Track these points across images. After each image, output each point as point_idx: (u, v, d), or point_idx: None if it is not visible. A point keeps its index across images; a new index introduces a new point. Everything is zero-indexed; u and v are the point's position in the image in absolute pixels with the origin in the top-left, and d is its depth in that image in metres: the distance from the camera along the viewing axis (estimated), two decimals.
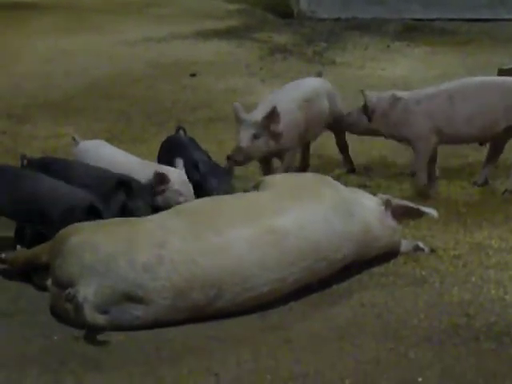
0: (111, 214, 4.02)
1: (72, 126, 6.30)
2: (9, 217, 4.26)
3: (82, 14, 10.33)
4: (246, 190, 4.34)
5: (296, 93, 5.14)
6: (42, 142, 5.91)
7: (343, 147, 5.48)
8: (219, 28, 9.73)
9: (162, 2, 11.32)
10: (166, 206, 4.24)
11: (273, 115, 4.79)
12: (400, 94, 5.24)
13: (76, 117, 6.60)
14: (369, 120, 5.19)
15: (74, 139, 4.85)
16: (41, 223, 4.10)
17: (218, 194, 4.37)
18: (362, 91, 5.23)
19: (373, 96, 5.20)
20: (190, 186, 4.44)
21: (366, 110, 5.18)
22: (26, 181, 4.14)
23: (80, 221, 3.88)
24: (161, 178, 4.36)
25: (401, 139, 5.26)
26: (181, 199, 4.35)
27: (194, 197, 4.40)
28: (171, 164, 4.56)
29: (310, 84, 5.32)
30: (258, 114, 4.84)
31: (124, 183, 4.20)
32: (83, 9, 10.66)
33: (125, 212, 4.15)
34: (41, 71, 7.83)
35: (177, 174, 4.44)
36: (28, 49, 8.66)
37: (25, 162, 4.37)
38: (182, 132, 4.98)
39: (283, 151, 4.97)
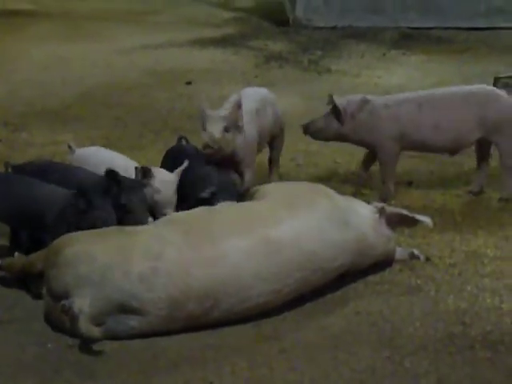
0: (106, 205, 4.01)
1: (69, 133, 6.29)
2: (2, 221, 4.25)
3: (79, 22, 10.32)
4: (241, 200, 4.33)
5: (249, 103, 5.06)
6: (39, 150, 5.90)
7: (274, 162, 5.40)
8: (215, 36, 9.73)
9: (159, 9, 11.32)
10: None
11: (238, 109, 4.76)
12: (371, 97, 5.22)
13: (73, 124, 6.59)
14: (341, 123, 5.13)
15: (69, 147, 4.85)
16: (35, 227, 4.09)
17: None
18: (329, 95, 5.18)
19: (342, 99, 5.17)
20: (171, 188, 4.42)
21: (338, 112, 5.13)
22: (19, 185, 4.14)
23: (73, 220, 3.88)
24: (144, 172, 4.35)
25: (367, 145, 5.21)
26: (157, 197, 4.34)
27: (173, 200, 4.40)
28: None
29: (259, 93, 5.28)
30: (225, 110, 4.80)
31: (113, 175, 4.17)
32: (80, 16, 10.65)
33: (119, 207, 4.11)
34: (38, 79, 7.82)
35: (162, 174, 4.44)
36: (25, 56, 8.65)
37: (9, 169, 4.35)
38: (184, 141, 4.98)
39: (241, 164, 4.88)
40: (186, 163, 4.55)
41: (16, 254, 4.06)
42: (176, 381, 3.34)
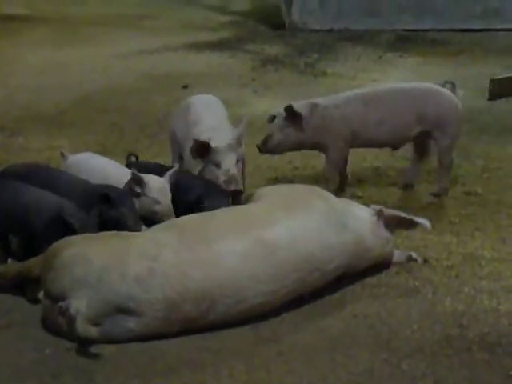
0: (90, 224, 4.00)
1: (65, 138, 6.30)
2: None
3: (75, 27, 10.33)
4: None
5: (224, 113, 5.07)
6: (35, 155, 5.90)
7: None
8: (211, 40, 9.74)
9: (155, 14, 11.32)
10: (143, 213, 4.24)
11: (241, 139, 4.72)
12: (318, 100, 5.29)
13: (69, 129, 6.59)
14: (301, 130, 5.15)
15: (62, 154, 4.81)
16: (24, 233, 4.09)
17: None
18: (288, 105, 5.16)
19: (296, 106, 5.19)
20: (169, 196, 4.38)
21: (299, 120, 5.15)
22: (8, 190, 4.13)
23: (62, 230, 3.88)
24: (136, 180, 4.30)
25: (321, 147, 5.27)
26: (157, 207, 4.31)
27: (170, 209, 4.34)
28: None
29: (216, 102, 5.21)
30: (228, 137, 4.69)
31: (102, 195, 4.15)
32: (76, 21, 10.66)
33: (108, 221, 4.11)
34: (34, 83, 7.82)
35: (155, 181, 4.36)
36: (21, 61, 8.65)
37: None
38: (133, 159, 4.94)
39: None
40: (175, 167, 4.53)
41: (9, 260, 4.06)
42: None
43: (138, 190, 4.31)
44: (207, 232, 3.75)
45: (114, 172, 4.56)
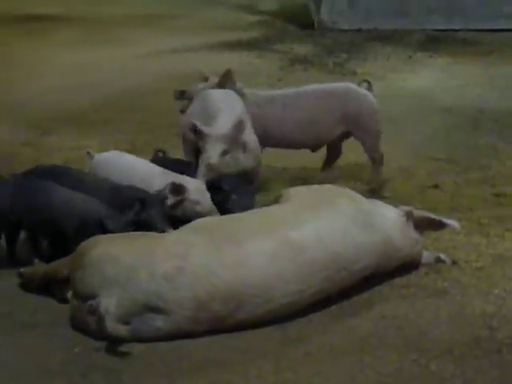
0: (123, 227, 4.02)
1: (95, 137, 6.34)
2: (25, 229, 4.27)
3: (105, 27, 10.40)
4: (266, 204, 4.33)
5: (239, 104, 5.00)
6: (66, 154, 5.94)
7: None
8: (240, 39, 9.75)
9: (184, 14, 11.36)
10: (185, 217, 4.25)
11: (240, 127, 4.62)
12: (249, 91, 5.33)
13: (99, 128, 6.63)
14: None
15: (88, 153, 4.81)
16: (55, 235, 4.12)
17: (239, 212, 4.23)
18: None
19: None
20: (208, 196, 4.41)
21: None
22: (41, 192, 4.16)
23: (93, 233, 3.90)
24: (176, 189, 4.32)
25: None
26: (198, 208, 4.33)
27: (212, 206, 4.38)
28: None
29: (232, 94, 5.17)
30: (222, 128, 4.62)
31: (136, 199, 4.17)
32: (104, 21, 10.72)
33: (139, 224, 4.12)
34: (65, 83, 7.88)
35: (194, 184, 4.41)
36: (52, 61, 8.72)
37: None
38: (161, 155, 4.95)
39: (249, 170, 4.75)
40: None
41: (36, 261, 4.09)
42: None
43: (179, 198, 4.31)
44: (235, 232, 3.76)
45: (141, 170, 4.57)
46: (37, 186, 4.22)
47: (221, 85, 5.25)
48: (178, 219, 4.24)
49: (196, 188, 4.39)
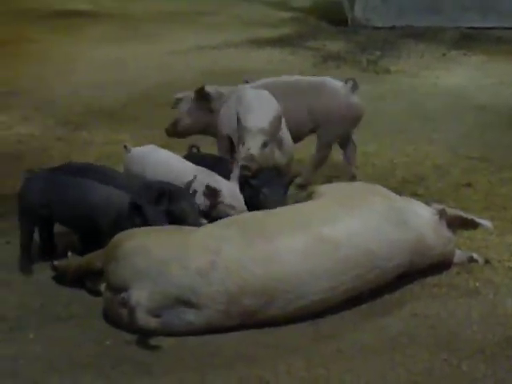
0: (159, 216, 4.02)
1: (127, 132, 6.35)
2: (61, 223, 4.30)
3: (136, 23, 10.42)
4: (298, 201, 4.32)
5: (274, 102, 4.88)
6: (97, 149, 5.97)
7: None
8: (272, 36, 9.73)
9: (215, 10, 11.36)
10: (218, 217, 4.24)
11: (278, 122, 4.62)
12: (224, 89, 5.25)
13: (131, 124, 6.65)
14: (212, 112, 5.14)
15: (125, 147, 4.82)
16: (90, 230, 4.14)
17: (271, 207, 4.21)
18: (200, 87, 5.20)
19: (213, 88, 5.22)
20: (242, 199, 4.39)
21: (208, 101, 5.18)
22: (77, 187, 4.18)
23: (127, 225, 3.92)
24: (212, 192, 4.33)
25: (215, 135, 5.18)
26: (232, 213, 4.31)
27: (245, 209, 4.34)
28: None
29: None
30: (262, 122, 4.59)
31: (165, 192, 4.17)
32: (137, 18, 10.75)
33: (171, 216, 4.11)
34: (96, 79, 7.91)
35: (228, 187, 4.38)
36: (84, 57, 8.76)
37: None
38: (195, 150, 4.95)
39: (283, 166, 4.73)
40: (238, 168, 4.49)
41: (69, 254, 4.11)
42: (231, 379, 3.35)
43: (214, 201, 4.31)
44: (268, 228, 3.76)
45: (176, 165, 4.58)
46: (70, 182, 4.23)
47: (197, 99, 5.25)
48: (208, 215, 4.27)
49: (230, 191, 4.35)
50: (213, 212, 4.33)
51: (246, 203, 4.38)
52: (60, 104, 7.11)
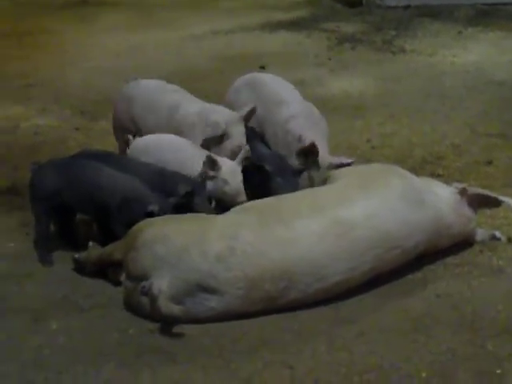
0: (169, 210, 4.02)
1: None
2: (73, 208, 4.29)
3: (150, 10, 10.41)
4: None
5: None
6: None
7: None
8: (287, 19, 9.69)
9: None
10: (214, 194, 4.29)
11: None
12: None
13: None
14: None
15: (127, 138, 4.81)
16: (100, 214, 4.15)
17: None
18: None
19: None
20: (239, 178, 4.39)
21: None
22: (86, 171, 4.18)
23: (137, 213, 3.94)
24: (211, 163, 4.33)
25: None
26: (226, 188, 4.33)
27: (240, 190, 4.36)
28: None
29: None
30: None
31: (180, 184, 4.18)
32: (151, 4, 10.73)
33: (183, 207, 4.12)
34: (111, 67, 7.91)
35: (229, 164, 4.39)
36: (98, 45, 8.76)
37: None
38: None
39: None
40: (246, 148, 4.50)
41: (90, 243, 4.11)
42: (256, 364, 3.35)
43: (213, 173, 4.33)
44: (284, 212, 3.76)
45: (184, 150, 4.55)
46: (78, 164, 4.24)
47: None
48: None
49: (229, 168, 4.37)
50: (210, 185, 4.32)
51: (257, 187, 4.38)
52: (77, 94, 7.11)
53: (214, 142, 4.62)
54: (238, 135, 4.64)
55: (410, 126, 6.02)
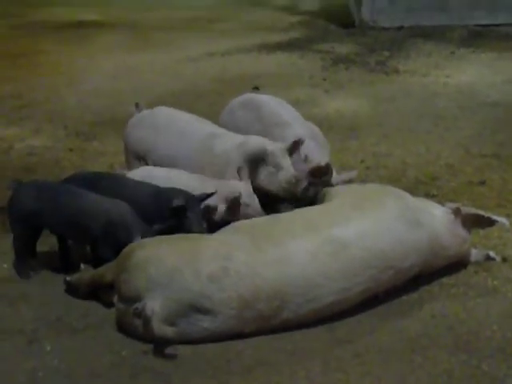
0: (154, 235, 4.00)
1: None
2: (55, 232, 4.29)
3: (146, 32, 10.45)
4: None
5: None
6: (109, 159, 5.96)
7: None
8: (281, 40, 9.73)
9: (224, 17, 11.38)
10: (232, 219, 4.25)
11: None
12: None
13: None
14: None
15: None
16: (84, 238, 4.14)
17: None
18: None
19: None
20: (256, 197, 4.41)
21: None
22: (70, 196, 4.17)
23: (119, 235, 3.94)
24: (235, 202, 4.30)
25: None
26: (248, 210, 4.33)
27: (260, 208, 4.37)
28: None
29: None
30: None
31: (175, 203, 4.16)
32: (147, 27, 10.77)
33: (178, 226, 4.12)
34: (107, 89, 7.92)
35: (244, 186, 4.41)
36: (94, 67, 8.78)
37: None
38: None
39: None
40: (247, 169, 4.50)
41: (82, 266, 4.09)
42: None
43: (237, 208, 4.31)
44: (277, 232, 3.76)
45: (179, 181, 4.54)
46: (60, 189, 4.23)
47: None
48: (213, 222, 4.26)
49: (246, 191, 4.38)
50: (231, 215, 4.32)
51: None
52: (71, 115, 7.11)
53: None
54: (288, 167, 4.59)
55: (404, 146, 6.03)
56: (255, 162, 4.56)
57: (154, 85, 7.99)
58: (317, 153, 4.70)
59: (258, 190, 4.50)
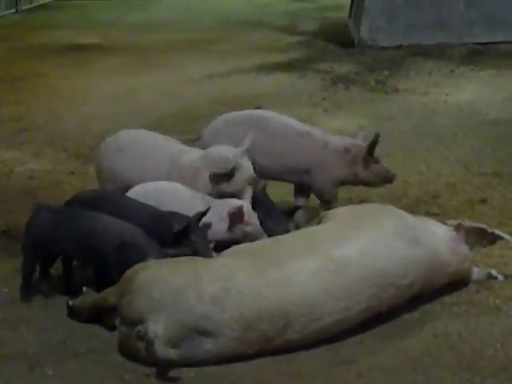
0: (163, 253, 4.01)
1: None
2: (65, 254, 4.29)
3: (145, 54, 10.48)
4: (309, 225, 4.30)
5: None
6: None
7: None
8: (281, 61, 9.76)
9: (224, 38, 11.42)
10: (236, 237, 4.27)
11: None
12: None
13: None
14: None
15: None
16: (95, 261, 4.14)
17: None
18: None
19: None
20: (256, 216, 4.41)
21: None
22: (81, 219, 4.18)
23: (132, 257, 3.92)
24: (238, 212, 4.30)
25: None
26: (248, 229, 4.33)
27: (260, 226, 4.36)
28: None
29: None
30: None
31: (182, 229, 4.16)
32: (147, 49, 10.81)
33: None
34: (107, 111, 7.94)
35: (244, 204, 4.38)
36: (94, 89, 8.80)
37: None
38: None
39: None
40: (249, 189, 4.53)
41: (84, 289, 4.09)
42: None
43: (240, 221, 4.31)
44: (278, 253, 3.77)
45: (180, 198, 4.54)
46: (74, 214, 4.24)
47: None
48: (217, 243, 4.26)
49: (247, 209, 4.37)
50: (232, 233, 4.31)
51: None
52: (72, 138, 7.13)
53: (224, 177, 4.60)
54: (248, 167, 4.63)
55: (405, 165, 6.04)
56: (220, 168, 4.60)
57: (154, 106, 8.01)
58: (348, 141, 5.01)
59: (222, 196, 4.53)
